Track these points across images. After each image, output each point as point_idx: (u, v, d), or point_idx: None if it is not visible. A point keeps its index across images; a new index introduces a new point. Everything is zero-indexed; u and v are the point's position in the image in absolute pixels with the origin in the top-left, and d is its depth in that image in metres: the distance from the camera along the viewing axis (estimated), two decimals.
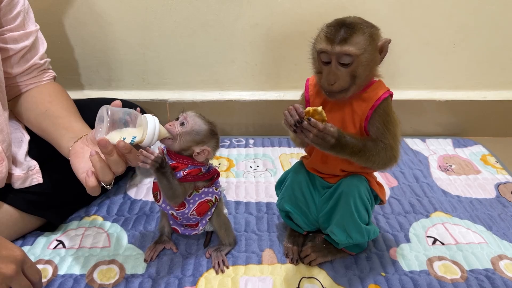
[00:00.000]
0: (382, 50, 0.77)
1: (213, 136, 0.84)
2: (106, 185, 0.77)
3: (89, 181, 0.75)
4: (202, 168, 0.85)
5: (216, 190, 0.90)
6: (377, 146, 0.78)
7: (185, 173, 0.82)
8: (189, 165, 0.83)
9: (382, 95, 0.78)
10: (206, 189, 0.88)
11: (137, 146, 0.76)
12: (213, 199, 0.90)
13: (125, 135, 0.74)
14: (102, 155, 0.74)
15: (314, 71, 0.80)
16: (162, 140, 0.80)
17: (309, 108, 0.72)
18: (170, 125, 0.81)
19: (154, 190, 0.89)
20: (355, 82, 0.76)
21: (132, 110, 0.76)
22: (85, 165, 0.80)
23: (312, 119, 0.71)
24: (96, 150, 0.74)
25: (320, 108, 0.72)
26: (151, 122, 0.75)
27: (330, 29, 0.74)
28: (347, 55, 0.73)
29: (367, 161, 0.78)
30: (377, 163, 0.79)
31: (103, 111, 0.72)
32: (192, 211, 0.88)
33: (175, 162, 0.83)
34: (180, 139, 0.80)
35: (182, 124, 0.81)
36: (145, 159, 0.75)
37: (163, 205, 0.88)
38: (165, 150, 0.85)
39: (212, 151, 0.84)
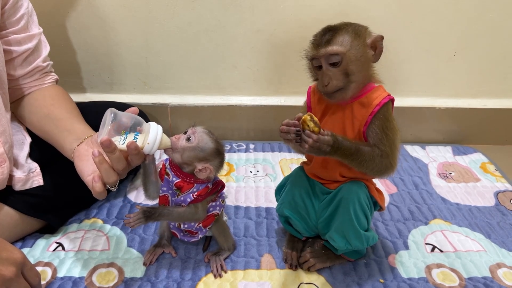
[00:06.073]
0: (376, 47, 0.78)
1: (218, 156, 0.83)
2: (111, 187, 0.78)
3: (96, 187, 0.76)
4: (208, 184, 0.85)
5: (222, 202, 0.90)
6: (373, 152, 0.77)
7: (195, 196, 0.82)
8: (195, 184, 0.83)
9: (382, 100, 0.78)
10: (213, 203, 0.88)
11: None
12: (219, 212, 0.90)
13: (127, 139, 0.74)
14: (106, 157, 0.74)
15: (313, 80, 0.83)
16: (165, 150, 0.80)
17: (305, 116, 0.72)
18: (176, 138, 0.80)
19: (160, 203, 0.88)
20: (351, 80, 0.77)
21: (138, 117, 0.76)
22: (90, 167, 0.80)
23: (306, 131, 0.71)
24: (99, 150, 0.74)
25: (309, 117, 0.71)
26: (154, 130, 0.75)
27: (316, 36, 0.78)
28: (334, 54, 0.75)
29: (360, 165, 0.78)
30: (370, 169, 0.79)
31: (107, 113, 0.73)
32: (199, 224, 0.88)
33: (180, 180, 0.82)
34: (182, 153, 0.80)
35: (188, 139, 0.80)
36: (128, 220, 0.78)
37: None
38: (167, 163, 0.85)
39: (215, 170, 0.83)
